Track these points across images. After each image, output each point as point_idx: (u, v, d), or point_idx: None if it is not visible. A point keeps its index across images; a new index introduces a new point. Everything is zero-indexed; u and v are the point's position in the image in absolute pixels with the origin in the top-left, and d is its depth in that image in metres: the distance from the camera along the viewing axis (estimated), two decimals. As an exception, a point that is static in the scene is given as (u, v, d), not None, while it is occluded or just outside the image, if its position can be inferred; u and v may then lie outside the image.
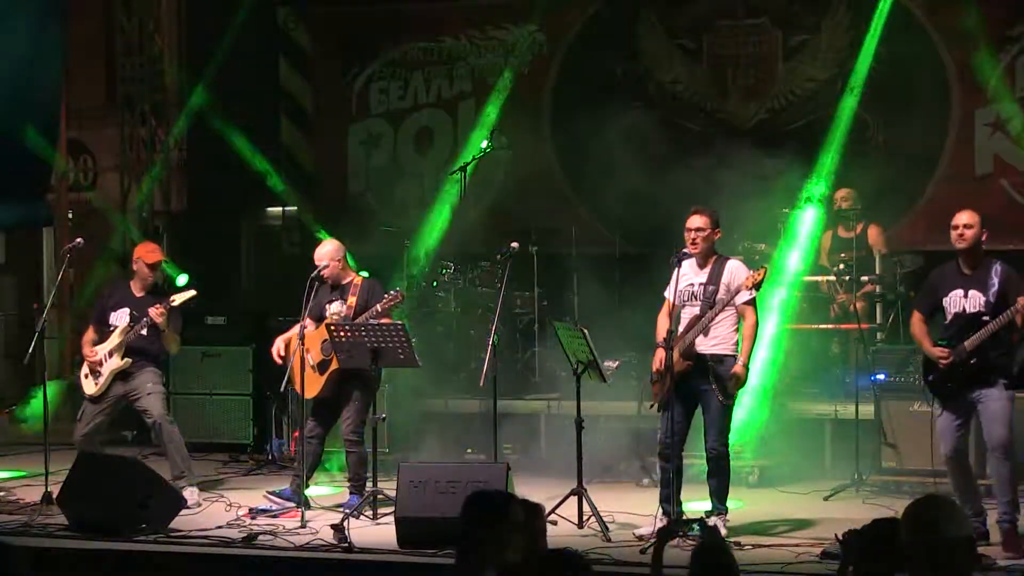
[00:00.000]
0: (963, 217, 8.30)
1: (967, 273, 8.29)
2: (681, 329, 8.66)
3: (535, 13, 13.39)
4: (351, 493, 9.60)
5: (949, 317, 8.34)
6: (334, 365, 9.55)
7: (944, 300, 8.35)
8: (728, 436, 8.67)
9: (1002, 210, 11.80)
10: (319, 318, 9.64)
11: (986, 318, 8.15)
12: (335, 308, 9.72)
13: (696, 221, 8.71)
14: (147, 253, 10.11)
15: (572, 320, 10.70)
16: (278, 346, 9.74)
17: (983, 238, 8.27)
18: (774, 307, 10.82)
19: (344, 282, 9.81)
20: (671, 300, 8.72)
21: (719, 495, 8.68)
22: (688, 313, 8.70)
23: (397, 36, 14.21)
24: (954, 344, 8.23)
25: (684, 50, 13.18)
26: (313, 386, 9.44)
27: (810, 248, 11.47)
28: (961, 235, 8.26)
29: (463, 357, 11.75)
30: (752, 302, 8.63)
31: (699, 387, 8.59)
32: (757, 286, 8.56)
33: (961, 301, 8.27)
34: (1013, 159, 12.26)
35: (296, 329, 9.60)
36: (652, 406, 8.79)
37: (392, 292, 9.68)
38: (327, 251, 9.77)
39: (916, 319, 8.56)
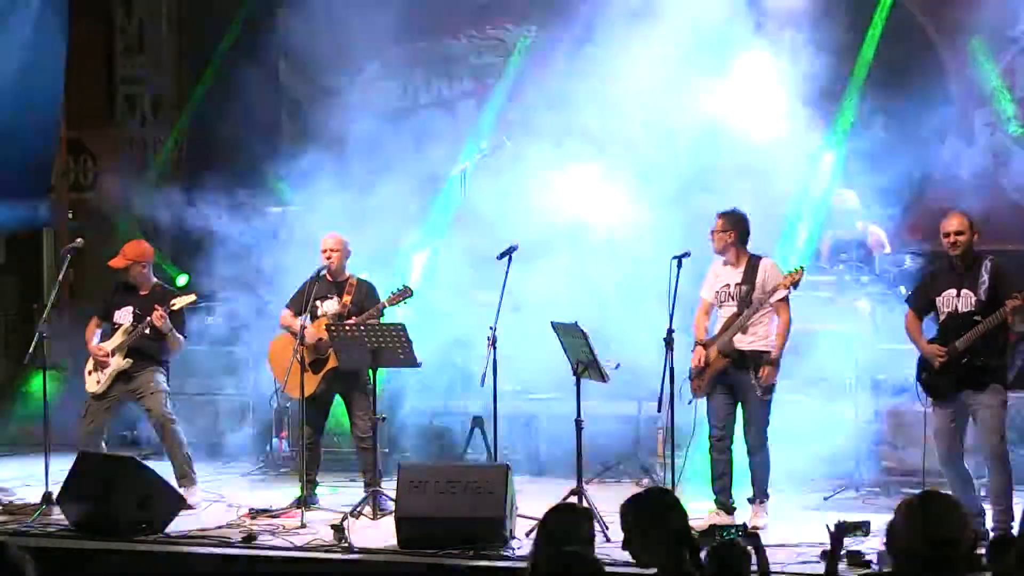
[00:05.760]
0: (953, 224, 8.27)
1: (961, 272, 8.29)
2: (719, 327, 9.00)
3: (535, 13, 13.38)
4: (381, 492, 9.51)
5: (942, 316, 8.34)
6: (330, 364, 9.55)
7: (937, 299, 8.34)
8: (767, 429, 8.98)
9: (1002, 210, 11.80)
10: (310, 315, 9.63)
11: (977, 318, 8.15)
12: (330, 306, 9.72)
13: (714, 223, 9.13)
14: (142, 253, 10.11)
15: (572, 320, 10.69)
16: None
17: (975, 238, 8.27)
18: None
19: (341, 279, 9.83)
20: (706, 299, 9.14)
21: (761, 484, 9.01)
22: (725, 312, 9.04)
23: (397, 36, 14.21)
24: (947, 343, 8.23)
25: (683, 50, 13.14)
26: (308, 385, 9.43)
27: (808, 248, 11.50)
28: (954, 243, 8.26)
29: (463, 357, 11.73)
30: (786, 300, 8.95)
31: (739, 382, 8.93)
32: (795, 285, 8.88)
33: (954, 301, 8.27)
34: (1013, 159, 12.26)
35: (283, 314, 9.67)
36: (690, 401, 9.07)
37: (402, 287, 9.74)
38: (335, 241, 9.81)
39: (910, 316, 8.58)
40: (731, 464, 9.03)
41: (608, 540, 8.37)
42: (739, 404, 9.04)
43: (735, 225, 9.05)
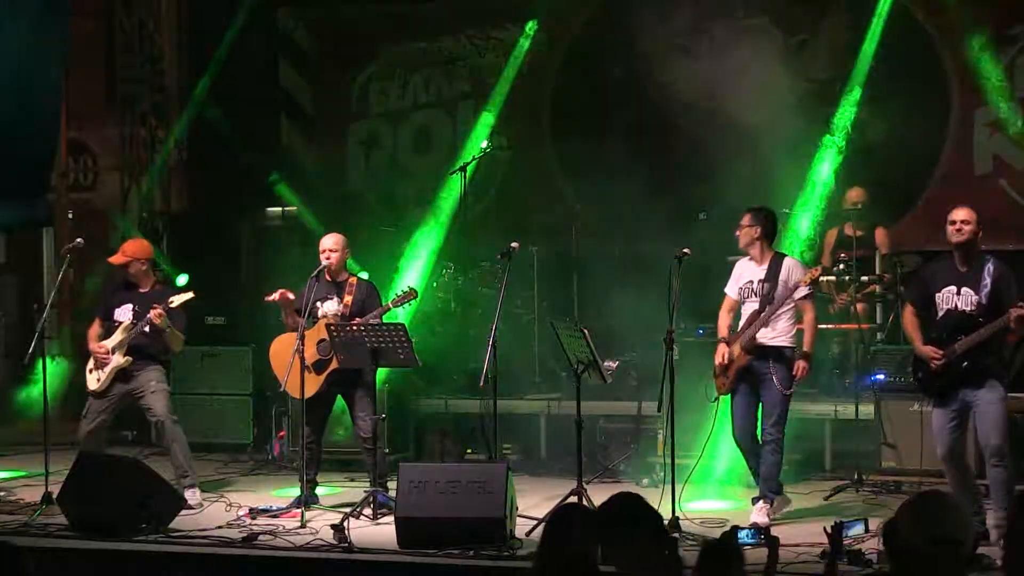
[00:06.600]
0: (961, 213, 8.27)
1: (961, 270, 8.25)
2: (742, 324, 9.04)
3: (535, 13, 13.39)
4: (380, 492, 9.50)
5: (940, 313, 8.29)
6: (333, 365, 9.55)
7: (937, 296, 8.32)
8: (784, 424, 8.96)
9: (1002, 210, 11.80)
10: (309, 315, 9.62)
11: (981, 319, 8.13)
12: (330, 307, 9.71)
13: (742, 218, 9.17)
14: (141, 250, 10.11)
15: (572, 320, 10.71)
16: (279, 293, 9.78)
17: (979, 235, 8.26)
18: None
19: (340, 279, 9.82)
20: (731, 296, 9.18)
21: (768, 480, 8.94)
22: (748, 309, 9.07)
23: (397, 36, 14.23)
24: (944, 343, 8.21)
25: (683, 50, 13.16)
26: (310, 386, 9.41)
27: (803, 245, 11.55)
28: (959, 230, 8.23)
29: (463, 357, 11.75)
30: (810, 297, 9.01)
31: (760, 376, 8.94)
32: (815, 282, 8.97)
33: (954, 298, 8.24)
34: (1013, 159, 12.27)
35: (276, 293, 9.67)
36: (714, 399, 9.04)
37: (407, 289, 9.74)
38: (335, 241, 9.79)
39: (908, 312, 8.55)
40: (758, 455, 8.98)
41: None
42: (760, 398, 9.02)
43: (761, 222, 9.09)
